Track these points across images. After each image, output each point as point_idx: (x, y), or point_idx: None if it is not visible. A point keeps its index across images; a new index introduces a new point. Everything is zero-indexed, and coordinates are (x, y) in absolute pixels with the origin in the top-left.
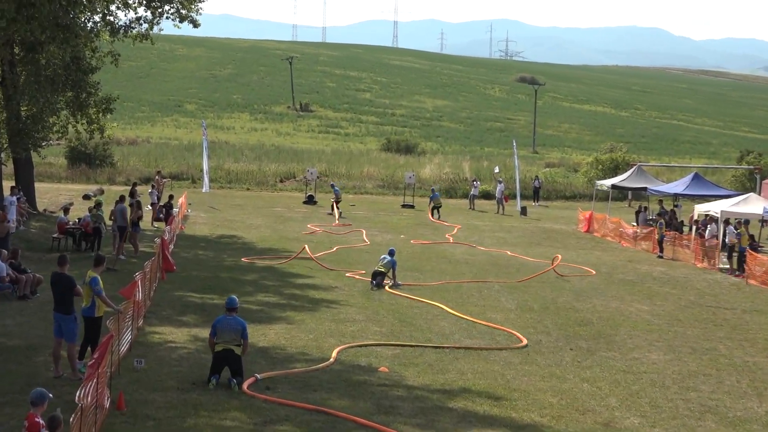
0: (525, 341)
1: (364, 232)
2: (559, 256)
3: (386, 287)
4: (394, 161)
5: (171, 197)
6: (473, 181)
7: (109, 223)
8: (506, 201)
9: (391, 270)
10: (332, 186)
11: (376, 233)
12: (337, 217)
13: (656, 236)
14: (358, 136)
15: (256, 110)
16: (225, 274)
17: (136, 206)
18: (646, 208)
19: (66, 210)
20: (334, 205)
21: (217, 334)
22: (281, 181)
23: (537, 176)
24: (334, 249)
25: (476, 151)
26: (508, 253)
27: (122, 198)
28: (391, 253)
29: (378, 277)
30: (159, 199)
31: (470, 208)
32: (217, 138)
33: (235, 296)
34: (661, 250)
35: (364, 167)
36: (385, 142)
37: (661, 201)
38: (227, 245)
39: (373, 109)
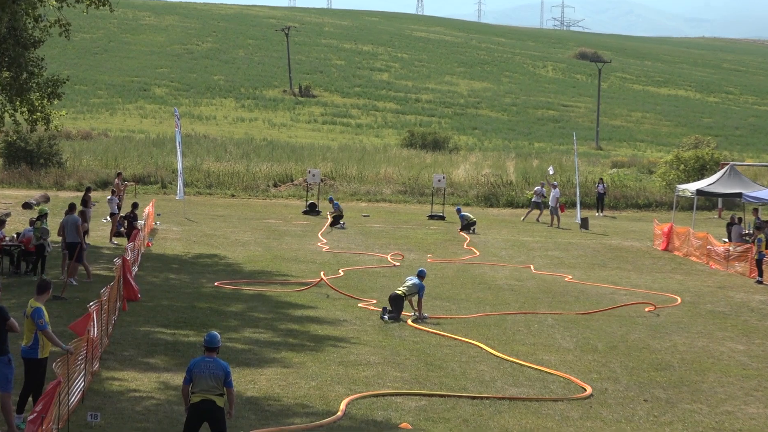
0: (589, 390)
1: (388, 256)
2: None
3: (408, 320)
4: (418, 160)
5: (135, 206)
6: (545, 186)
7: (56, 239)
8: (562, 210)
9: (415, 297)
10: (330, 200)
11: (396, 251)
12: (325, 226)
13: (754, 255)
14: (372, 128)
15: (243, 95)
16: (203, 304)
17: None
18: (740, 220)
19: (1, 222)
20: (329, 220)
21: (194, 381)
22: (275, 186)
23: (601, 179)
24: (340, 273)
25: (523, 147)
26: (567, 278)
27: (72, 207)
28: (421, 275)
29: (395, 304)
30: (120, 208)
31: (551, 225)
32: (193, 131)
33: (216, 332)
34: (761, 274)
35: (381, 168)
36: (408, 135)
37: (756, 210)
38: (206, 267)
39: (392, 94)
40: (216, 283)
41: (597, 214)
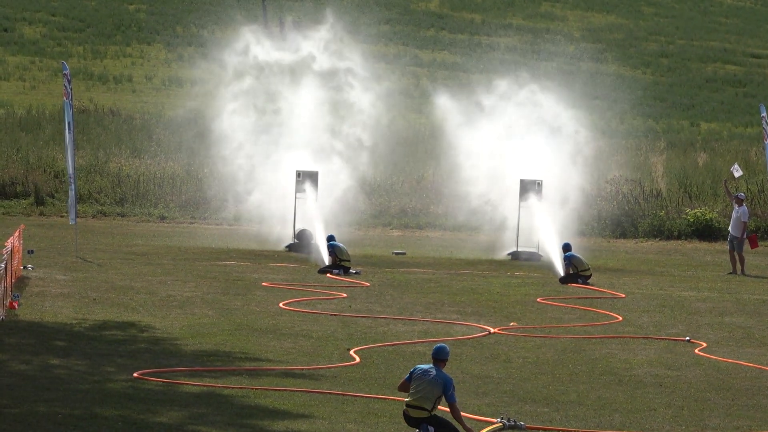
0: None
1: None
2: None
3: None
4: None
5: None
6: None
7: None
8: (754, 245)
9: (439, 400)
10: (329, 240)
11: (454, 317)
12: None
13: None
14: (413, 96)
15: (179, 40)
16: (111, 411)
17: None
18: None
19: None
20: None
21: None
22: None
23: None
24: (354, 357)
25: (682, 130)
26: (698, 348)
27: None
28: (439, 357)
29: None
30: None
31: (732, 272)
32: (92, 102)
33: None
34: None
35: (426, 167)
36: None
37: None
38: (116, 345)
39: (446, 36)
40: (134, 374)
41: None
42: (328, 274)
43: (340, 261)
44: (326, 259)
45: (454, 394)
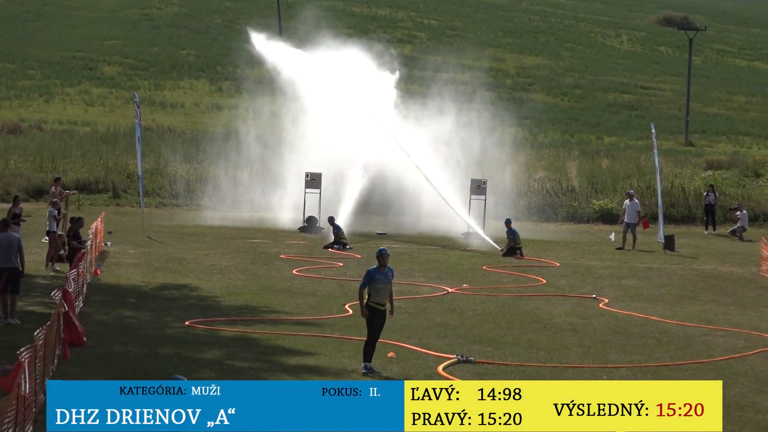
0: None
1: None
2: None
3: (440, 368)
4: (450, 159)
5: (78, 222)
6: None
7: None
8: (646, 227)
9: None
10: (331, 220)
11: (421, 280)
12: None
13: None
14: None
15: (219, 75)
16: (168, 350)
17: None
18: None
19: None
20: (334, 245)
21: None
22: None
23: (711, 186)
24: (348, 309)
25: (590, 142)
26: (603, 303)
27: (4, 223)
28: (383, 258)
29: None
30: (58, 224)
31: (621, 247)
32: (155, 122)
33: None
34: None
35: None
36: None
37: None
38: (173, 302)
39: (417, 73)
40: (186, 323)
41: (706, 232)
42: (330, 249)
43: (339, 239)
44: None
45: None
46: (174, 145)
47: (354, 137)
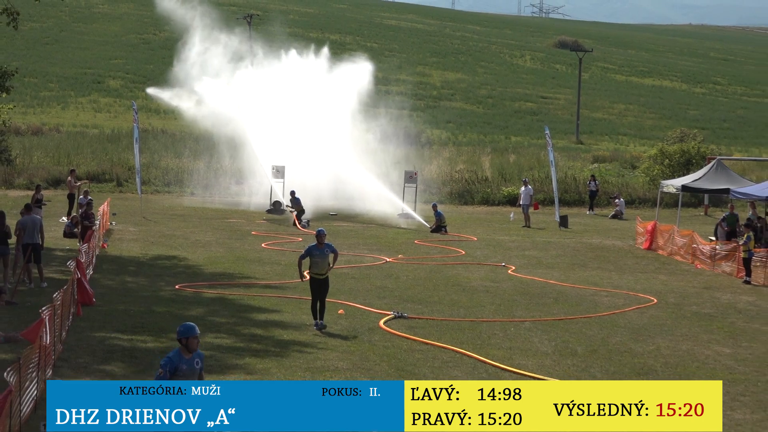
0: None
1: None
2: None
3: (381, 322)
4: (388, 155)
5: (88, 204)
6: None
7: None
8: (536, 208)
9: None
10: (292, 194)
11: (365, 252)
12: (299, 225)
13: (742, 254)
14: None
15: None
16: (162, 308)
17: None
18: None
19: None
20: (296, 219)
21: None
22: (238, 183)
23: (593, 176)
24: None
25: (500, 141)
26: (510, 269)
27: (29, 207)
28: (321, 236)
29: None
30: (72, 207)
31: (526, 225)
32: (150, 125)
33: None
34: (748, 274)
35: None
36: (377, 129)
37: (753, 204)
38: (165, 269)
39: (361, 86)
40: (176, 286)
41: (588, 212)
42: (297, 223)
43: (299, 212)
44: (285, 206)
45: (336, 249)
46: (166, 144)
47: (311, 136)
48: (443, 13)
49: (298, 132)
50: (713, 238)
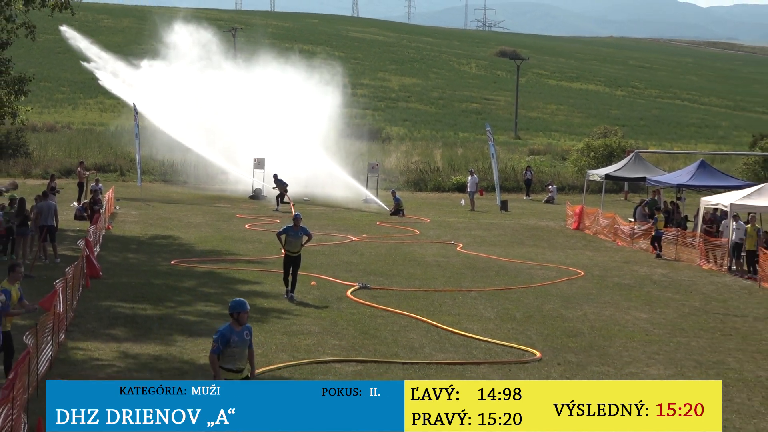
0: (539, 354)
1: (352, 238)
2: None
3: (348, 292)
4: (354, 149)
5: (98, 191)
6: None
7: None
8: (481, 194)
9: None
10: (275, 177)
11: (334, 232)
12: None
13: (652, 233)
14: None
15: None
16: (159, 281)
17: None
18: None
19: None
20: (281, 197)
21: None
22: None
23: (529, 167)
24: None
25: (449, 136)
26: (458, 246)
27: (46, 194)
28: (297, 219)
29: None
30: (82, 194)
31: (471, 209)
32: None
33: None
34: (659, 249)
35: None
36: (344, 126)
37: (658, 191)
38: (162, 247)
39: (331, 89)
40: (171, 262)
41: (525, 198)
42: (281, 201)
43: (282, 192)
44: (273, 188)
45: (310, 232)
46: (162, 139)
47: (288, 132)
48: (400, 26)
49: (277, 128)
50: (632, 220)
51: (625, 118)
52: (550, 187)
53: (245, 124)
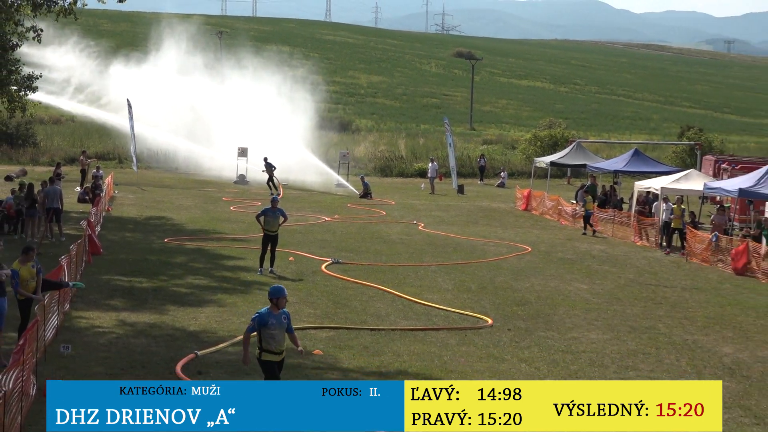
0: (491, 321)
1: (324, 219)
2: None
3: (322, 267)
4: (327, 139)
5: (98, 177)
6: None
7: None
8: (440, 179)
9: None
10: (264, 159)
11: (309, 213)
12: (280, 190)
13: (581, 212)
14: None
15: None
16: (153, 257)
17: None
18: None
19: None
20: (270, 180)
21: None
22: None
23: (482, 155)
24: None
25: (412, 128)
26: (420, 226)
27: (52, 180)
28: (274, 202)
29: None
30: (84, 179)
31: (431, 192)
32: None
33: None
34: (591, 226)
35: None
36: (318, 119)
37: (593, 177)
38: (156, 227)
39: (305, 86)
40: (165, 240)
41: (479, 182)
42: (271, 183)
43: (270, 174)
44: (262, 171)
45: (286, 213)
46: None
47: (268, 124)
48: (368, 30)
49: (258, 121)
50: (574, 202)
51: (567, 112)
52: (501, 173)
53: (229, 117)
